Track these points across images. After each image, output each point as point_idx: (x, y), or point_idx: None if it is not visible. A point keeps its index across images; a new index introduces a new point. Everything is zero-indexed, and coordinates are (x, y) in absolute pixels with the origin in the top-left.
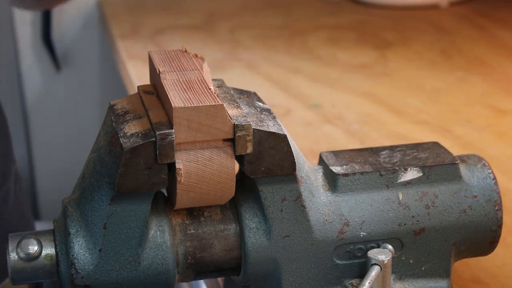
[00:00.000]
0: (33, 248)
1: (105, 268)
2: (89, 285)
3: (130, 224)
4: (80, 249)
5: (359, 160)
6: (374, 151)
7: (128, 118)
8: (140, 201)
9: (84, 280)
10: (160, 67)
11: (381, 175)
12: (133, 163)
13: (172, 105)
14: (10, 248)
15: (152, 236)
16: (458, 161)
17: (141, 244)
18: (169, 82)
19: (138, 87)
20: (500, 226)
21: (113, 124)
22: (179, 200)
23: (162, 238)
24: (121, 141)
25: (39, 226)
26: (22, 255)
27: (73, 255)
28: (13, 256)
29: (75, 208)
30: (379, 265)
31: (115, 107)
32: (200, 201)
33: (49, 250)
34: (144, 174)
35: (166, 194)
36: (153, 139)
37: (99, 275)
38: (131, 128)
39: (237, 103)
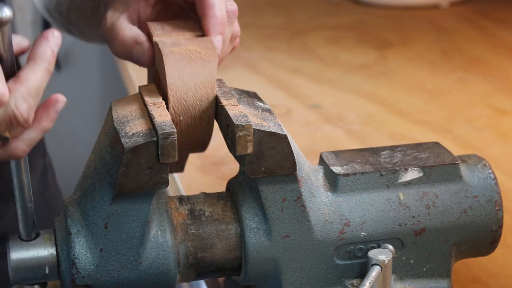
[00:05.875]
0: None
1: (106, 268)
2: (90, 285)
3: (131, 224)
4: (81, 249)
5: (359, 160)
6: (375, 151)
7: (129, 118)
8: (141, 201)
9: (85, 279)
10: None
11: (381, 175)
12: (134, 163)
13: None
14: (10, 247)
15: (153, 236)
16: (459, 161)
17: (142, 243)
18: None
19: (140, 87)
20: (500, 226)
21: (114, 124)
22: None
23: (163, 238)
24: (122, 140)
25: None
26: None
27: (74, 255)
28: (13, 255)
29: (76, 208)
30: (379, 265)
31: (116, 107)
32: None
33: (50, 250)
34: (145, 174)
35: (167, 193)
36: (155, 138)
37: (100, 274)
38: (132, 128)
39: (237, 103)
